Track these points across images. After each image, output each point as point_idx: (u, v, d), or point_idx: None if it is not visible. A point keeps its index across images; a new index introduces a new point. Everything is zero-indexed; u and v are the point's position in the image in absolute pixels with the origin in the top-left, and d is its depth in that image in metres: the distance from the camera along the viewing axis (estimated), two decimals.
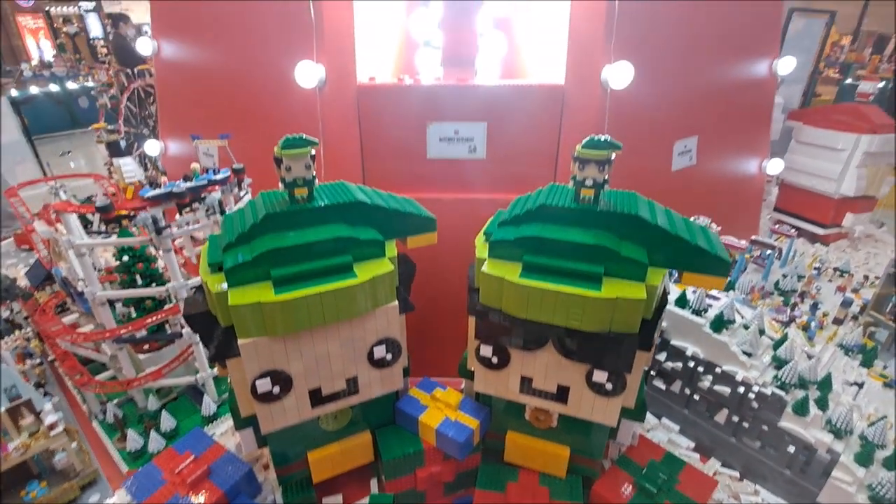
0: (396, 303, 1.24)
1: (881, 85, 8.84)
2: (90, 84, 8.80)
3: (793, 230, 2.90)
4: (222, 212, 1.74)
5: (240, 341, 1.10)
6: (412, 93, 1.86)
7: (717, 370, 1.61)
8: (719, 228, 2.30)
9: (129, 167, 3.12)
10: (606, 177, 1.25)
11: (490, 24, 2.24)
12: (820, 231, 3.36)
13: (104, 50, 9.54)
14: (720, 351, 1.61)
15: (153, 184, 1.62)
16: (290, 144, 1.19)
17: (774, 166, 2.94)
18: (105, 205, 1.64)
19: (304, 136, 1.21)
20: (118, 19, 7.74)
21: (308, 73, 1.82)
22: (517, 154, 1.93)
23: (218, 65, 2.33)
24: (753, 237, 2.75)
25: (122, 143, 3.08)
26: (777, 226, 3.05)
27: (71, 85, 8.61)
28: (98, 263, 2.44)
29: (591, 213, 1.17)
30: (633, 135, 2.02)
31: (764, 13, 2.56)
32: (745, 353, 1.58)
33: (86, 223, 2.84)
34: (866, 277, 2.90)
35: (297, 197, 1.20)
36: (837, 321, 2.47)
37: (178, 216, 1.91)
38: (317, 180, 1.26)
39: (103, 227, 2.90)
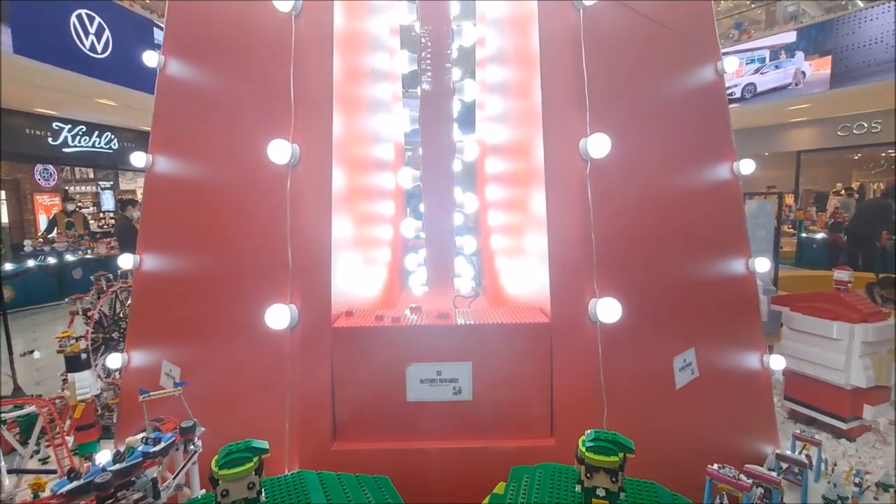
0: None
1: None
2: (89, 256, 9.01)
3: (817, 437, 2.63)
4: (156, 495, 1.43)
5: None
6: (391, 334, 1.75)
7: None
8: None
9: (84, 383, 2.84)
10: (621, 484, 1.03)
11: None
12: (842, 425, 3.08)
13: (94, 223, 10.06)
14: None
15: (72, 472, 1.34)
16: (230, 462, 0.97)
17: (777, 362, 2.80)
18: None
19: (251, 442, 1.00)
20: (127, 203, 8.29)
21: (279, 316, 1.71)
22: (507, 395, 1.75)
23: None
24: (778, 451, 2.45)
25: (83, 356, 2.87)
26: (800, 431, 2.78)
27: (69, 257, 8.79)
28: None
29: None
30: (630, 366, 1.88)
31: (729, 214, 2.69)
32: None
33: None
34: None
35: None
36: None
37: None
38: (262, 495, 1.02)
39: None
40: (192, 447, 1.66)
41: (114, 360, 2.81)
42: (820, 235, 9.71)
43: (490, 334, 1.74)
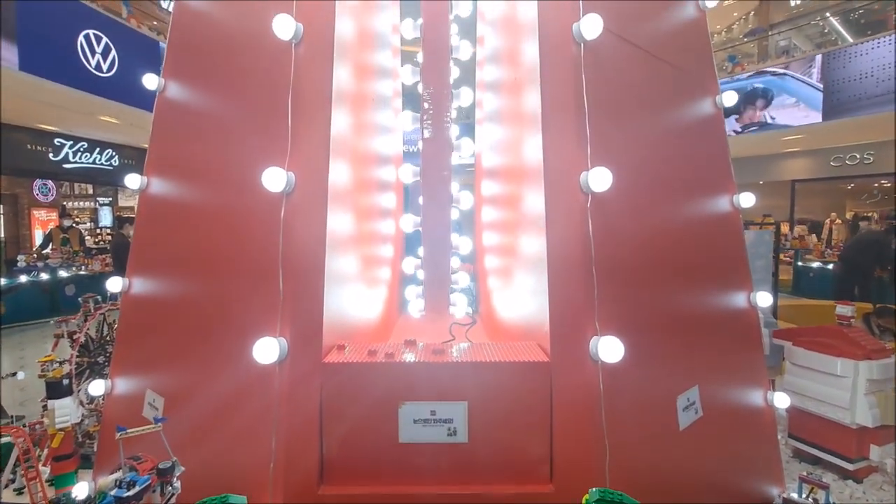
0: None
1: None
2: (83, 273, 8.90)
3: (824, 479, 2.53)
4: None
5: None
6: (384, 370, 1.67)
7: None
8: None
9: (64, 411, 2.73)
10: None
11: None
12: (848, 466, 2.98)
13: (91, 240, 9.98)
14: None
15: None
16: None
17: (781, 400, 2.72)
18: None
19: (228, 497, 0.92)
20: (124, 221, 8.24)
21: (267, 349, 1.65)
22: (504, 437, 1.67)
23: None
24: (784, 495, 2.36)
25: (65, 382, 2.77)
26: (806, 473, 2.68)
27: (62, 273, 8.68)
28: None
29: None
30: (632, 406, 1.81)
31: (730, 248, 2.66)
32: None
33: None
34: None
35: None
36: None
37: None
38: None
39: None
40: (169, 489, 1.56)
41: (97, 387, 2.71)
42: (817, 264, 9.72)
43: (487, 373, 1.68)
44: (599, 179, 1.73)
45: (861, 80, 9.16)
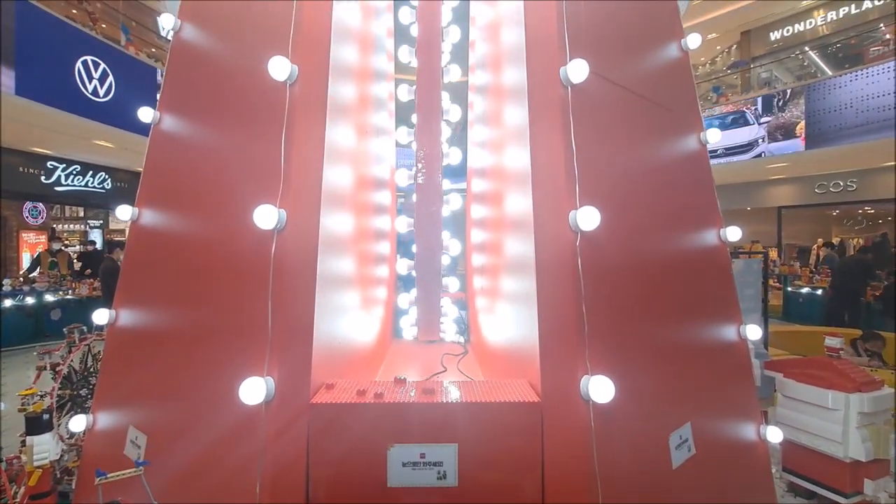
0: None
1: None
2: (70, 297, 8.74)
3: None
4: None
5: None
6: (373, 412, 1.65)
7: None
8: None
9: (42, 447, 2.64)
10: None
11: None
12: (843, 500, 2.95)
13: (78, 262, 9.85)
14: None
15: None
16: None
17: (774, 434, 2.71)
18: None
19: None
20: (114, 245, 8.16)
21: (254, 390, 1.62)
22: (495, 479, 1.64)
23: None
24: None
25: (45, 417, 2.69)
26: None
27: (49, 297, 8.52)
28: None
29: None
30: (625, 445, 1.79)
31: (718, 282, 2.69)
32: None
33: None
34: None
35: None
36: None
37: None
38: None
39: None
40: None
41: (77, 423, 2.63)
42: (805, 290, 9.83)
43: (477, 414, 1.66)
44: (588, 218, 1.76)
45: (841, 111, 9.48)
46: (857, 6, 12.42)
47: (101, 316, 2.61)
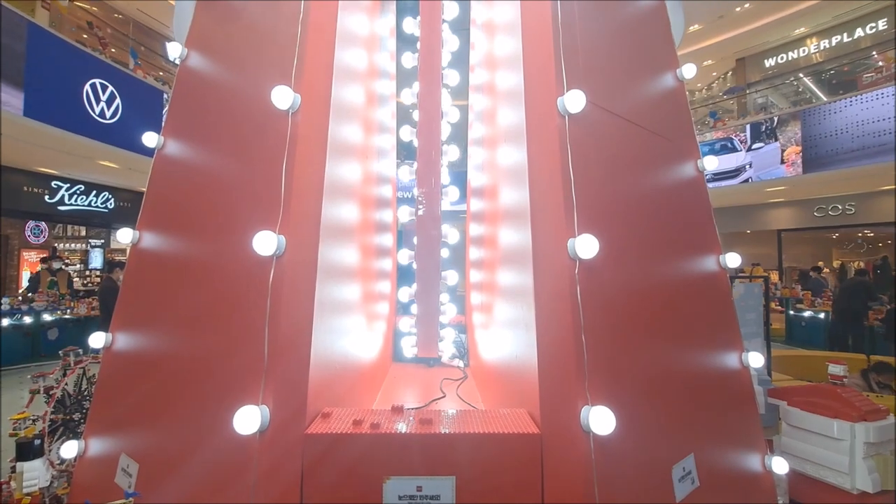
0: None
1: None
2: (68, 317, 8.70)
3: None
4: None
5: None
6: (369, 442, 1.62)
7: None
8: None
9: (32, 474, 2.59)
10: None
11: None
12: None
13: (79, 281, 9.83)
14: None
15: None
16: None
17: (779, 465, 2.65)
18: None
19: None
20: (115, 265, 8.17)
21: (248, 419, 1.59)
22: None
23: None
24: None
25: (36, 443, 2.65)
26: None
27: (47, 316, 8.48)
28: None
29: None
30: (626, 477, 1.75)
31: (718, 308, 2.68)
32: None
33: None
34: None
35: None
36: None
37: None
38: None
39: None
40: None
41: (69, 449, 2.58)
42: (808, 313, 9.77)
43: (475, 445, 1.62)
44: (586, 247, 1.76)
45: (836, 136, 9.61)
46: (849, 35, 12.74)
47: (97, 339, 2.59)
